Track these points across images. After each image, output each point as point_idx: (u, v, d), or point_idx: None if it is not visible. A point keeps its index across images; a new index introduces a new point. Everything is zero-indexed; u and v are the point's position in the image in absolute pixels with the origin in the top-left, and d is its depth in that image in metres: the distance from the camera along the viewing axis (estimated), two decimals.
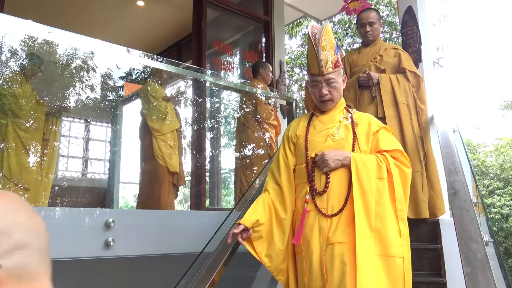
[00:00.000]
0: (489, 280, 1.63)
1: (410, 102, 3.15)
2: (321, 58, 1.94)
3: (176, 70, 3.43)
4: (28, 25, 2.49)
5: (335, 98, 2.04)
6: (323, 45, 1.92)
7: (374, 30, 3.33)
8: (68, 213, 2.39)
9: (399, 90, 3.14)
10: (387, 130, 2.05)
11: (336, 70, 2.01)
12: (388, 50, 3.33)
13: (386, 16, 12.16)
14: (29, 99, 3.59)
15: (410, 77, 3.18)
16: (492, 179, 15.85)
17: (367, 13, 3.33)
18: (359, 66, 3.37)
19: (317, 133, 2.04)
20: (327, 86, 1.99)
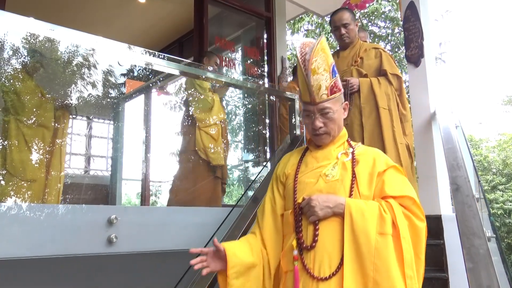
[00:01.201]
0: (492, 275, 1.63)
1: (392, 107, 2.94)
2: (311, 84, 1.56)
3: (177, 67, 3.42)
4: (30, 23, 2.49)
5: (332, 131, 1.65)
6: (314, 67, 1.56)
7: (349, 31, 3.11)
8: (71, 210, 2.40)
9: (380, 94, 2.93)
10: (397, 170, 1.63)
11: (332, 97, 1.62)
12: (368, 51, 3.11)
13: (388, 12, 12.13)
14: (34, 95, 3.61)
15: (392, 80, 2.99)
16: (494, 174, 15.84)
17: (339, 15, 3.10)
18: (340, 72, 3.10)
19: (309, 172, 1.66)
20: (321, 117, 1.62)
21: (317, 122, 1.62)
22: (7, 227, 2.13)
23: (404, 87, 3.13)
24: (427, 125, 3.28)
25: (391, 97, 2.96)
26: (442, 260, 2.73)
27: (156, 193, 7.06)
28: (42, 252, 2.20)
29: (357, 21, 3.17)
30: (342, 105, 1.69)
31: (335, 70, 1.64)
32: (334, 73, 1.64)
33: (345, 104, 1.71)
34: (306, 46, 1.61)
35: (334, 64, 1.64)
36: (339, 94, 1.66)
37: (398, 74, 3.02)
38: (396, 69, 3.06)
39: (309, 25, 12.76)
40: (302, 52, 1.60)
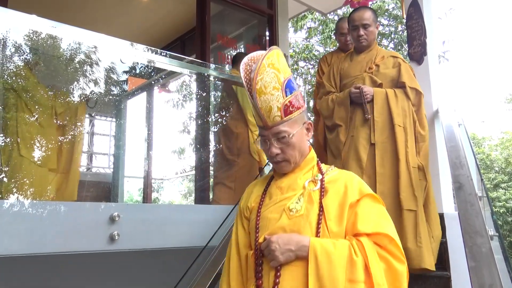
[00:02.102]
0: (494, 274, 1.63)
1: (407, 125, 2.65)
2: (259, 106, 1.35)
3: (179, 64, 3.42)
4: (32, 20, 2.49)
5: (292, 158, 1.42)
6: (259, 87, 1.34)
7: (369, 33, 2.83)
8: (73, 207, 2.40)
9: (396, 109, 2.64)
10: (374, 200, 1.38)
11: (288, 118, 1.38)
12: (386, 59, 2.82)
13: (391, 9, 12.09)
14: (36, 91, 3.62)
15: (411, 94, 2.71)
16: (497, 172, 15.82)
17: (360, 13, 2.81)
18: (351, 77, 2.87)
19: (272, 206, 1.42)
20: (277, 142, 1.39)
21: (273, 148, 1.40)
22: (9, 224, 2.13)
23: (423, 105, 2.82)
24: (430, 123, 3.26)
25: (407, 113, 2.67)
26: (444, 259, 2.73)
27: (158, 190, 7.07)
28: (44, 249, 2.20)
29: (378, 23, 2.90)
30: (304, 125, 1.45)
31: (291, 86, 1.41)
32: (290, 90, 1.40)
33: (308, 123, 1.46)
34: (252, 61, 1.39)
35: (290, 79, 1.41)
36: (298, 114, 1.42)
37: (417, 89, 2.74)
38: (416, 82, 2.77)
39: (311, 22, 12.73)
40: (246, 69, 1.38)
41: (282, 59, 1.41)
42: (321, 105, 2.99)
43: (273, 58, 1.38)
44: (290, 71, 1.41)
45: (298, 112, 1.42)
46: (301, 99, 1.45)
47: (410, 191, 2.51)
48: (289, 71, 1.41)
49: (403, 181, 2.52)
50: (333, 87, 2.98)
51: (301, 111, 1.44)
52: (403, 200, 2.48)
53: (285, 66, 1.42)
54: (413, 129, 2.68)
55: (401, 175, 2.52)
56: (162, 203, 6.72)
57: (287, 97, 1.39)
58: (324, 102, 2.96)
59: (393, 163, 2.57)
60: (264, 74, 1.35)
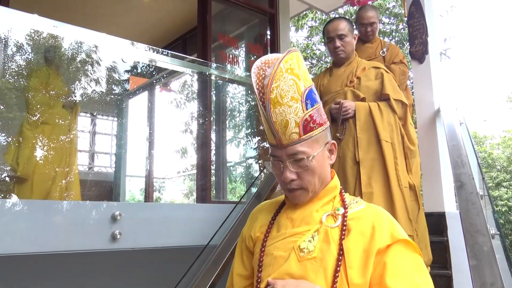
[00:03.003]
0: (495, 273, 1.63)
1: (395, 141, 2.45)
2: (272, 120, 1.10)
3: (181, 64, 3.43)
4: (33, 19, 2.50)
5: (310, 185, 1.15)
6: (274, 96, 1.09)
7: (345, 44, 2.62)
8: (75, 206, 2.41)
9: (381, 124, 2.44)
10: (408, 247, 1.08)
11: (307, 136, 1.13)
12: (367, 70, 2.63)
13: (392, 8, 12.07)
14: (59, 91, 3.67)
15: (396, 107, 2.51)
16: (499, 171, 15.79)
17: (335, 24, 2.63)
18: (332, 93, 2.67)
19: (280, 240, 1.17)
20: (293, 165, 1.13)
21: (287, 172, 1.13)
22: (12, 223, 2.14)
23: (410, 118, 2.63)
24: (431, 122, 3.27)
25: (394, 127, 2.47)
26: (445, 258, 2.73)
27: (159, 189, 7.08)
28: (46, 248, 2.21)
29: (355, 34, 2.71)
30: (327, 146, 1.18)
31: (313, 97, 1.15)
32: (312, 102, 1.14)
33: (332, 144, 1.21)
34: (266, 65, 1.13)
35: (311, 88, 1.16)
36: (319, 132, 1.15)
37: (402, 100, 2.54)
38: (401, 94, 2.58)
39: (313, 21, 12.73)
40: (259, 74, 1.12)
41: (303, 64, 1.16)
42: None
43: (293, 62, 1.12)
44: (311, 80, 1.16)
45: (320, 130, 1.15)
46: (323, 114, 1.19)
47: (405, 213, 2.31)
48: (310, 78, 1.16)
49: (397, 204, 2.30)
50: None
51: (323, 128, 1.17)
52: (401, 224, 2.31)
53: (306, 72, 1.16)
54: (402, 144, 2.48)
55: (395, 197, 2.30)
56: (164, 202, 6.73)
57: (307, 111, 1.12)
58: None
59: (383, 183, 2.35)
60: (281, 81, 1.09)
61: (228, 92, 5.87)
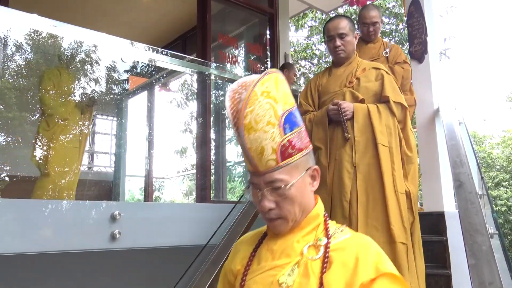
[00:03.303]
0: (494, 272, 1.63)
1: (393, 145, 2.37)
2: (247, 147, 1.03)
3: (180, 63, 3.43)
4: (33, 19, 2.50)
5: (289, 214, 1.07)
6: (248, 122, 1.01)
7: (346, 44, 2.54)
8: (74, 206, 2.41)
9: (379, 127, 2.37)
10: (394, 281, 0.99)
11: (286, 163, 1.05)
12: (367, 71, 2.55)
13: (392, 7, 12.08)
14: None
15: (396, 110, 2.42)
16: (498, 171, 15.80)
17: (335, 22, 2.55)
18: (330, 93, 2.59)
19: (260, 274, 1.10)
20: (271, 193, 1.06)
21: (265, 201, 1.05)
22: (11, 222, 2.14)
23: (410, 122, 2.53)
24: (431, 122, 3.27)
25: (392, 131, 2.39)
26: (445, 257, 2.73)
27: (159, 188, 7.08)
28: (45, 247, 2.21)
29: (356, 33, 2.62)
30: (308, 171, 1.10)
31: (293, 121, 1.07)
32: (291, 125, 1.06)
33: (314, 169, 1.12)
34: (243, 87, 1.05)
35: (292, 111, 1.07)
36: (299, 157, 1.07)
37: (402, 103, 2.45)
38: (401, 96, 2.49)
39: (312, 21, 12.73)
40: (234, 98, 1.04)
41: (283, 86, 1.08)
42: None
43: (270, 84, 1.04)
44: (294, 101, 1.09)
45: (300, 155, 1.07)
46: (305, 138, 1.11)
47: (399, 221, 2.23)
48: (291, 100, 1.08)
49: (392, 210, 2.22)
50: (311, 105, 2.70)
51: (304, 154, 1.09)
52: (395, 231, 2.18)
53: (286, 95, 1.08)
54: (399, 149, 2.40)
55: (389, 202, 2.23)
56: (163, 202, 6.73)
57: (285, 136, 1.04)
58: None
59: (378, 189, 2.28)
60: (256, 105, 1.01)
61: (227, 91, 5.87)
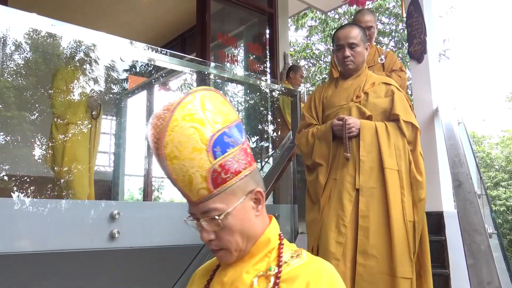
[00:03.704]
0: (493, 272, 1.63)
1: (403, 168, 2.18)
2: (173, 178, 0.93)
3: (180, 63, 3.42)
4: (32, 18, 2.50)
5: (232, 245, 0.97)
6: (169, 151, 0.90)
7: (356, 55, 2.36)
8: (73, 205, 2.41)
9: (388, 149, 2.19)
10: None
11: (221, 189, 0.93)
12: (377, 86, 2.36)
13: (392, 8, 12.08)
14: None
15: (406, 130, 2.23)
16: (497, 171, 15.82)
17: (346, 31, 2.38)
18: (335, 107, 2.41)
19: None
20: (208, 224, 0.95)
21: (204, 233, 0.96)
22: (10, 222, 2.14)
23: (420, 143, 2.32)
24: (430, 122, 3.27)
25: (402, 153, 2.20)
26: (443, 257, 2.73)
27: (158, 188, 7.08)
28: (44, 247, 2.21)
29: (367, 44, 2.44)
30: (250, 195, 0.98)
31: (225, 142, 0.94)
32: (224, 147, 0.93)
33: (257, 192, 0.98)
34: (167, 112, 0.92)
35: (225, 131, 0.94)
36: (236, 182, 0.95)
37: (413, 123, 2.26)
38: (412, 115, 2.30)
39: (312, 21, 12.73)
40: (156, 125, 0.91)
41: (214, 103, 0.95)
42: (300, 140, 2.52)
43: (193, 106, 0.91)
44: (233, 116, 0.97)
45: (237, 179, 0.95)
46: (243, 158, 0.97)
47: (406, 253, 2.05)
48: (230, 117, 0.96)
49: (397, 241, 2.04)
50: (315, 118, 2.52)
51: (242, 176, 0.96)
52: (398, 265, 2.03)
53: (219, 112, 0.95)
54: (409, 174, 2.21)
55: (395, 232, 2.05)
56: (163, 201, 6.73)
57: (216, 160, 0.92)
58: (303, 137, 2.49)
59: (382, 216, 2.10)
60: (177, 132, 0.89)
61: (227, 91, 5.87)
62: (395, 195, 2.11)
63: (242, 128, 0.99)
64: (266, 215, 1.03)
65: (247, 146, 1.00)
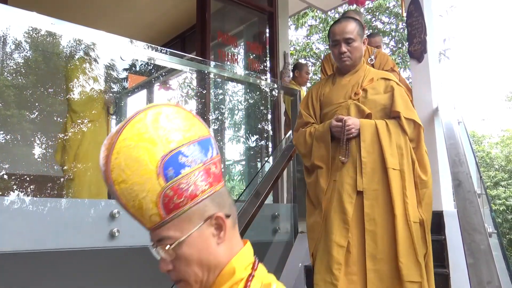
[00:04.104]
0: (492, 271, 1.63)
1: (405, 167, 2.11)
2: (123, 203, 0.84)
3: (180, 62, 3.42)
4: (32, 17, 2.50)
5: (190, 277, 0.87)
6: (116, 175, 0.81)
7: (353, 50, 2.27)
8: (73, 204, 2.41)
9: (389, 148, 2.11)
10: None
11: (174, 216, 0.83)
12: (375, 82, 2.27)
13: (392, 7, 12.08)
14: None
15: (407, 127, 2.17)
16: (497, 170, 15.83)
17: (342, 25, 2.28)
18: (333, 105, 2.32)
19: None
20: (162, 252, 0.86)
21: (161, 263, 0.88)
22: (11, 220, 2.14)
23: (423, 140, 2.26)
24: (430, 121, 3.27)
25: (404, 152, 2.13)
26: (443, 256, 2.73)
27: None
28: (44, 245, 2.21)
29: (365, 38, 2.36)
30: (207, 222, 0.86)
31: (179, 163, 0.83)
32: (178, 169, 0.82)
33: (217, 217, 0.86)
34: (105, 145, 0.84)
35: (180, 150, 0.83)
36: (190, 207, 0.84)
37: (415, 120, 2.20)
38: (413, 111, 2.24)
39: (313, 20, 12.73)
40: (104, 147, 0.84)
41: (171, 119, 0.85)
42: (298, 140, 2.42)
43: (143, 125, 0.82)
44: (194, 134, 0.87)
45: (192, 204, 0.84)
46: (204, 179, 0.86)
47: (412, 255, 2.00)
48: (186, 135, 0.85)
49: (402, 243, 1.99)
50: (312, 116, 2.42)
51: (199, 200, 0.84)
52: (404, 269, 1.97)
53: (175, 130, 0.84)
54: (412, 172, 2.14)
55: (399, 233, 2.00)
56: None
57: (168, 183, 0.81)
58: (301, 137, 2.39)
59: (387, 218, 2.04)
60: (123, 154, 0.81)
61: (227, 90, 5.87)
62: (398, 195, 2.05)
63: (210, 144, 0.88)
64: (235, 242, 0.91)
65: (212, 165, 0.88)
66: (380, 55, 3.24)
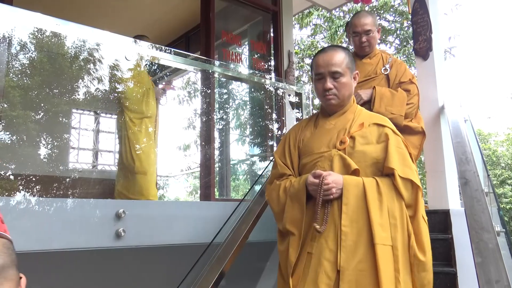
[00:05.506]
0: (501, 270, 1.62)
1: (399, 243, 1.65)
2: None
3: (184, 61, 3.42)
4: (37, 18, 2.50)
5: None
6: None
7: (340, 86, 1.86)
8: (79, 204, 2.41)
9: (379, 215, 1.66)
10: None
11: None
12: (367, 128, 1.85)
13: (397, 5, 12.04)
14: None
15: (404, 190, 1.72)
16: (503, 169, 15.74)
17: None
18: (313, 154, 1.90)
19: None
20: None
21: None
22: (17, 220, 2.15)
23: (423, 206, 1.76)
24: (436, 119, 3.25)
25: (398, 222, 1.67)
26: (450, 255, 2.71)
27: (163, 187, 7.10)
28: (50, 245, 2.21)
29: (356, 72, 1.96)
30: None
31: None
32: None
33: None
34: None
35: None
36: None
37: (414, 181, 1.73)
38: (411, 169, 1.77)
39: (317, 19, 12.70)
40: None
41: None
42: (270, 195, 2.01)
43: None
44: None
45: None
46: None
47: None
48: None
49: None
50: (289, 167, 2.00)
51: None
52: None
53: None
54: (408, 250, 1.67)
55: None
56: (168, 200, 6.75)
57: None
58: (274, 192, 1.98)
59: None
60: None
61: (232, 89, 5.87)
62: (388, 280, 1.58)
63: None
64: None
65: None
66: (396, 64, 2.85)
